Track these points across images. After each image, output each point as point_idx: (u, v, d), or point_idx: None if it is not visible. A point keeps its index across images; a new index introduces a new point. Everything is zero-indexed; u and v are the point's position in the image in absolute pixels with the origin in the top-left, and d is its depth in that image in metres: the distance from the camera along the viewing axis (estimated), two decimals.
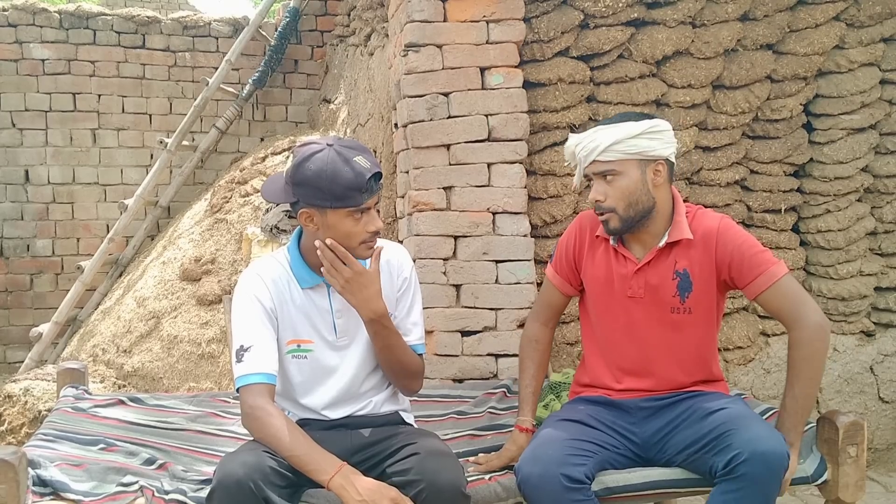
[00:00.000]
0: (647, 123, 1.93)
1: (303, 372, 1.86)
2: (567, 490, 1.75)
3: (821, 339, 1.85)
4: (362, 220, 1.76)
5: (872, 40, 3.20)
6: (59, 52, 5.54)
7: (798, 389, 1.86)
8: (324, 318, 1.86)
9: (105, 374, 4.03)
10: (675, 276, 1.97)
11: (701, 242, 1.95)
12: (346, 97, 4.83)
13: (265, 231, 3.87)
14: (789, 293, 1.88)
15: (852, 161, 3.23)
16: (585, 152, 1.96)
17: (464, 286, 2.89)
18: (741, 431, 1.75)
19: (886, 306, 3.36)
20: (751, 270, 1.90)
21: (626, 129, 1.92)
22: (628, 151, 1.92)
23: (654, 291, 1.99)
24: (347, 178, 1.70)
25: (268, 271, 1.85)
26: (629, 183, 1.94)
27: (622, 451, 1.95)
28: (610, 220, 1.97)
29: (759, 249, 1.92)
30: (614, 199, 1.95)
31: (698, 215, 2.00)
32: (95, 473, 1.84)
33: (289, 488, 1.67)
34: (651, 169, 1.94)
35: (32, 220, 5.61)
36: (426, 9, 2.88)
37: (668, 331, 1.99)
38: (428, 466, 1.66)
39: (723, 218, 1.98)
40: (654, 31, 3.06)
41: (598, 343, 2.09)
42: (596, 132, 1.96)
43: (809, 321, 1.85)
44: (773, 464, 1.70)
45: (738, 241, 1.92)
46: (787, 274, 1.89)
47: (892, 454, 3.36)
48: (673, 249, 1.98)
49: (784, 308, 1.89)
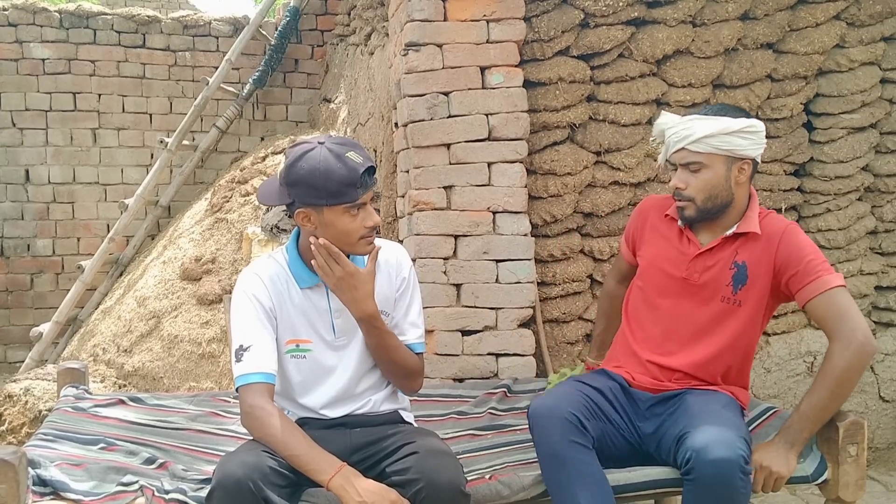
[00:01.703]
0: (744, 122, 1.95)
1: (301, 371, 1.86)
2: (572, 427, 1.84)
3: (857, 358, 1.84)
4: (359, 216, 1.76)
5: (873, 39, 3.20)
6: (59, 52, 5.54)
7: (817, 398, 1.86)
8: (322, 317, 1.86)
9: (105, 374, 4.03)
10: (733, 266, 2.01)
11: (765, 240, 1.98)
12: (346, 96, 4.83)
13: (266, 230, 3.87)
14: (836, 306, 1.88)
15: (853, 160, 3.23)
16: (677, 138, 1.99)
17: (464, 285, 2.89)
18: (695, 435, 1.77)
19: (887, 305, 3.36)
20: (805, 276, 1.91)
21: (724, 123, 1.94)
22: (720, 147, 1.95)
23: (710, 278, 2.02)
24: (341, 174, 1.70)
25: (266, 271, 1.85)
26: (713, 177, 1.97)
27: (624, 434, 1.99)
28: (686, 208, 2.01)
29: (819, 258, 1.93)
30: (695, 190, 1.98)
31: (770, 217, 2.04)
32: (95, 473, 1.84)
33: (288, 488, 1.67)
34: (737, 167, 1.97)
35: (33, 219, 5.61)
36: (426, 8, 2.88)
37: (711, 318, 2.02)
38: (427, 465, 1.66)
39: (791, 223, 2.01)
40: (655, 30, 3.06)
41: (637, 319, 2.14)
42: (691, 120, 1.98)
43: (849, 337, 1.84)
44: (723, 471, 1.69)
45: (801, 246, 1.95)
46: (840, 287, 1.89)
47: (892, 453, 3.36)
48: (737, 241, 2.01)
49: (828, 319, 1.89)
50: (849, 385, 1.86)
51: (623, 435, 1.99)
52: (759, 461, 1.84)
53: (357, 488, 1.61)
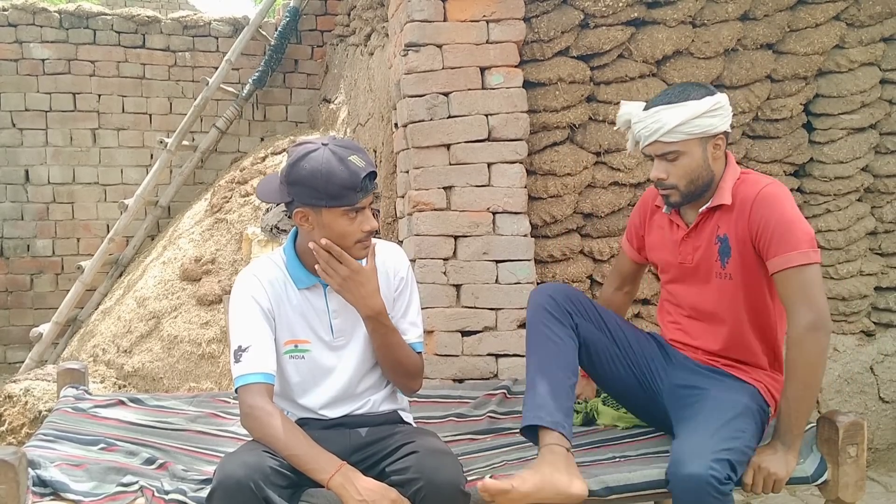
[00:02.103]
0: (711, 101, 1.91)
1: (300, 372, 1.86)
2: (552, 301, 1.98)
3: (812, 341, 1.79)
4: (357, 220, 1.76)
5: (872, 40, 3.20)
6: (59, 52, 5.54)
7: (790, 391, 1.84)
8: (320, 318, 1.86)
9: (105, 375, 4.03)
10: (716, 240, 1.98)
11: (738, 207, 1.93)
12: (346, 97, 4.83)
13: (265, 231, 3.87)
14: (797, 284, 1.81)
15: (852, 161, 3.23)
16: (648, 132, 1.95)
17: (464, 286, 2.89)
18: (676, 444, 1.79)
19: (887, 306, 3.36)
20: (774, 247, 1.85)
21: (692, 108, 1.90)
22: (693, 132, 1.91)
23: (700, 257, 2.01)
24: (342, 177, 1.71)
25: (264, 272, 1.85)
26: (691, 161, 1.94)
27: (632, 366, 2.06)
28: (671, 195, 2.00)
29: (792, 228, 1.84)
30: (676, 178, 1.96)
31: (747, 181, 1.96)
32: (95, 473, 1.84)
33: (289, 488, 1.67)
34: (712, 144, 1.95)
35: (33, 220, 5.61)
36: (426, 8, 2.88)
37: (716, 298, 2.00)
38: (427, 465, 1.66)
39: (768, 185, 1.92)
40: (655, 30, 3.06)
41: (665, 309, 2.19)
42: (658, 112, 1.93)
43: (801, 320, 1.80)
44: (693, 487, 1.67)
45: (773, 213, 1.86)
46: (808, 264, 1.81)
47: (892, 454, 3.36)
48: (716, 214, 1.99)
49: (786, 298, 1.85)
50: (815, 371, 1.82)
51: (630, 365, 2.04)
52: (758, 463, 1.83)
53: (357, 487, 1.61)
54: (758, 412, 1.93)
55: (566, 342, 1.96)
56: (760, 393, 1.98)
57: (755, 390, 1.98)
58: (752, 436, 1.87)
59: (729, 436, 1.79)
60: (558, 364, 1.93)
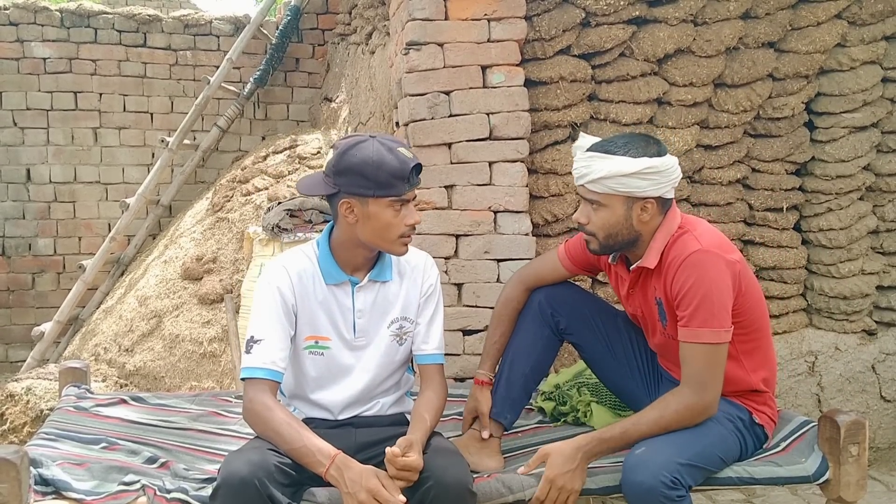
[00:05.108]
0: (644, 163, 1.83)
1: (318, 368, 1.88)
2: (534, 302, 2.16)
3: (683, 416, 1.80)
4: (402, 213, 1.78)
5: (874, 38, 3.19)
6: (60, 51, 5.53)
7: (643, 427, 1.81)
8: (345, 315, 1.86)
9: (107, 373, 4.04)
10: (655, 301, 1.96)
11: (666, 270, 1.89)
12: (347, 96, 4.83)
13: (267, 230, 3.86)
14: (700, 362, 1.80)
15: (854, 159, 3.22)
16: (577, 174, 1.93)
17: (465, 285, 2.89)
18: (635, 449, 1.79)
19: (888, 305, 3.35)
20: (687, 317, 1.82)
21: (619, 165, 1.84)
22: (617, 189, 1.86)
23: (646, 313, 2.02)
24: (393, 165, 1.73)
25: (294, 264, 1.86)
26: (611, 216, 1.90)
27: (626, 358, 2.16)
28: (590, 242, 1.98)
29: (709, 301, 1.78)
30: (595, 227, 1.93)
31: (679, 243, 1.88)
32: (97, 472, 1.84)
33: (292, 486, 1.68)
34: (638, 206, 1.88)
35: (34, 219, 5.61)
36: (427, 7, 2.88)
37: (669, 350, 1.98)
38: (435, 464, 1.67)
39: (696, 251, 1.83)
40: (656, 29, 3.06)
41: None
42: (591, 158, 1.89)
43: (686, 398, 1.80)
44: (641, 494, 1.69)
45: (694, 281, 1.80)
46: (711, 344, 1.79)
47: (893, 453, 3.35)
48: (645, 274, 1.96)
49: (685, 368, 1.84)
50: (669, 427, 1.81)
51: (624, 358, 2.15)
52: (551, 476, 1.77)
53: (346, 479, 1.61)
54: (725, 418, 1.90)
55: (537, 339, 2.13)
56: (752, 410, 1.97)
57: (742, 408, 1.96)
58: (714, 442, 1.84)
59: (685, 445, 1.77)
60: (521, 358, 2.11)
